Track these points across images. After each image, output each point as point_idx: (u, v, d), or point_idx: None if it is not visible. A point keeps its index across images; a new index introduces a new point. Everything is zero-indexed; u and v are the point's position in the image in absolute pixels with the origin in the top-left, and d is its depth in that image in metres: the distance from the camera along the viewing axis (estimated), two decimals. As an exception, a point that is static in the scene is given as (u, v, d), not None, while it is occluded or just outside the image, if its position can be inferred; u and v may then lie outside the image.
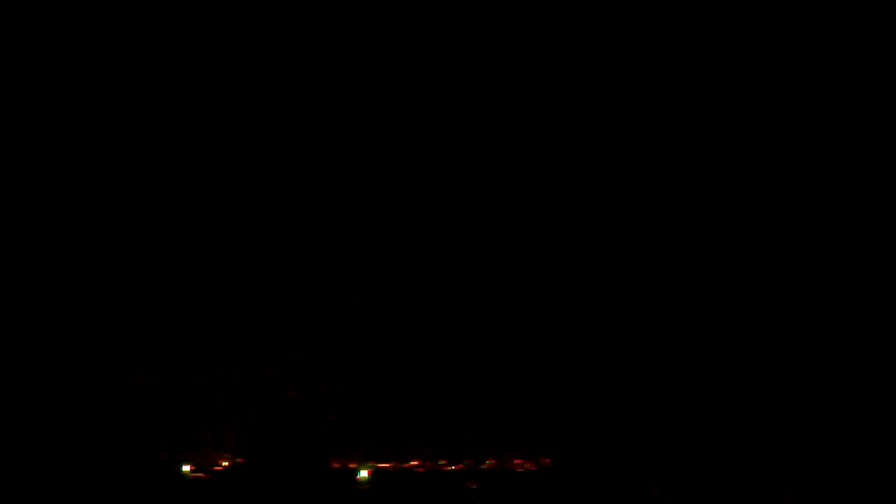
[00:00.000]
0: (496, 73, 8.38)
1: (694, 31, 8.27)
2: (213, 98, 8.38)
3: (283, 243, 8.41)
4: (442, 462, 8.27)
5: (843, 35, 8.16)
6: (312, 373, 8.34)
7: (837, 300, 8.11)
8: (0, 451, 7.97)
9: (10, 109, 8.28)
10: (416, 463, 8.26)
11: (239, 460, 8.22)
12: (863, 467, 7.81)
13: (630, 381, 8.20)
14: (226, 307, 8.37)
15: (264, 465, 8.18)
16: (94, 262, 8.34)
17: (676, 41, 8.28)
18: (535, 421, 8.26)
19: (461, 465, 8.26)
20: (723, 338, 8.16)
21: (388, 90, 8.40)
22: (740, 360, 8.13)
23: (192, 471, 8.17)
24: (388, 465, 8.24)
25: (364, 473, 8.19)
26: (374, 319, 8.39)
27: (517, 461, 8.24)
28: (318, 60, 8.39)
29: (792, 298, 8.16)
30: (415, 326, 8.36)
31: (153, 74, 8.36)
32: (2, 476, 7.88)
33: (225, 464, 8.21)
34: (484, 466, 8.25)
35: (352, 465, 8.24)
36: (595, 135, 8.36)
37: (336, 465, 8.24)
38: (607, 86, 8.35)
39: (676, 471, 7.97)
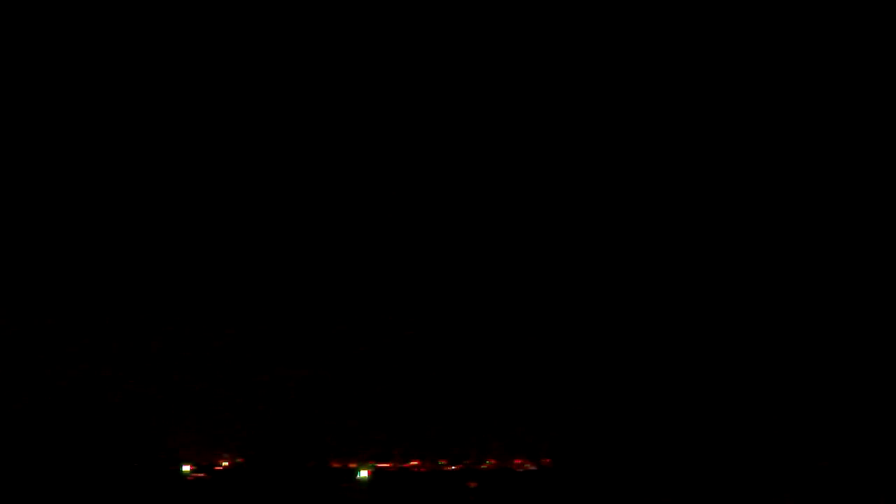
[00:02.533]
0: (496, 73, 8.38)
1: (694, 32, 8.27)
2: (214, 99, 8.38)
3: (283, 246, 8.41)
4: (442, 462, 8.27)
5: (843, 35, 8.16)
6: (313, 373, 8.35)
7: (837, 300, 8.11)
8: (0, 451, 7.97)
9: (10, 109, 8.28)
10: (416, 463, 8.27)
11: (239, 460, 8.22)
12: (863, 467, 7.81)
13: (630, 381, 8.20)
14: (226, 309, 8.37)
15: (264, 465, 8.18)
16: (95, 263, 8.34)
17: (676, 41, 8.28)
18: (535, 421, 8.27)
19: (461, 465, 8.26)
20: (723, 338, 8.16)
21: (388, 91, 8.40)
22: (740, 360, 8.13)
23: (192, 471, 8.18)
24: (388, 465, 8.25)
25: (364, 473, 8.19)
26: (375, 320, 8.39)
27: (517, 461, 8.24)
28: (318, 61, 8.39)
29: (792, 298, 8.15)
30: (415, 327, 8.36)
31: (153, 74, 8.36)
32: (2, 476, 7.89)
33: (225, 464, 8.22)
34: (484, 466, 8.25)
35: (352, 465, 8.24)
36: (595, 135, 8.36)
37: (336, 465, 8.24)
38: (607, 86, 8.35)
39: (676, 471, 7.98)
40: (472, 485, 8.16)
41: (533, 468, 8.23)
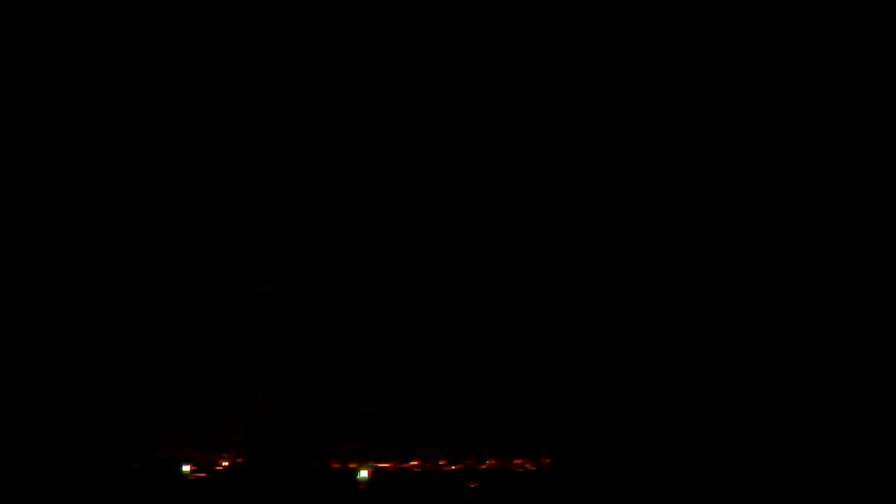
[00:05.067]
0: (496, 74, 8.39)
1: (694, 32, 8.28)
2: (214, 99, 8.39)
3: (283, 244, 8.41)
4: (442, 462, 8.27)
5: (843, 35, 8.17)
6: (313, 373, 8.35)
7: (837, 300, 8.12)
8: (0, 451, 7.97)
9: (11, 110, 8.29)
10: (416, 463, 8.27)
11: (239, 460, 8.22)
12: (863, 467, 7.82)
13: (630, 381, 8.21)
14: (226, 308, 8.38)
15: (264, 465, 8.18)
16: (95, 262, 8.34)
17: (676, 41, 8.29)
18: (535, 421, 8.27)
19: (461, 465, 8.26)
20: (723, 338, 8.16)
21: (388, 91, 8.41)
22: (740, 360, 8.14)
23: (192, 471, 8.18)
24: (388, 465, 8.25)
25: (364, 473, 8.19)
26: (375, 320, 8.39)
27: (517, 461, 8.24)
28: (318, 61, 8.40)
29: (792, 298, 8.16)
30: (415, 327, 8.37)
31: (153, 74, 8.37)
32: (2, 476, 7.89)
33: (225, 464, 8.22)
34: (484, 466, 8.25)
35: (352, 465, 8.24)
36: (595, 135, 8.37)
37: (336, 465, 8.24)
38: (607, 86, 8.35)
39: (675, 471, 7.98)
40: (472, 485, 8.16)
41: (533, 468, 8.24)
